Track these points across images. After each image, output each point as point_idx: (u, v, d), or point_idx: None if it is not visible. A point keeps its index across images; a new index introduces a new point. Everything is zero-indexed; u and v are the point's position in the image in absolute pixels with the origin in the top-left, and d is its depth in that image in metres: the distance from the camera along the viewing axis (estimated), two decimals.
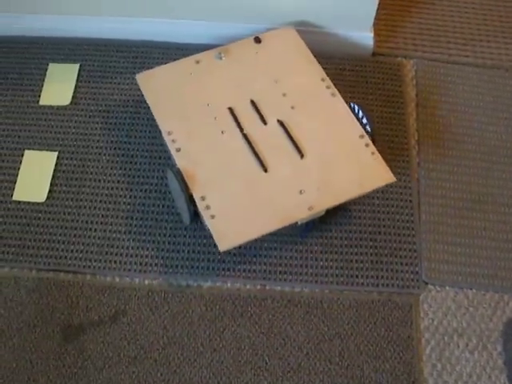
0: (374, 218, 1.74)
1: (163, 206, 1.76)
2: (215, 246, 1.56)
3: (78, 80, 1.94)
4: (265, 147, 1.64)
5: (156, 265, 1.68)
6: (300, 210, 1.56)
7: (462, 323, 1.64)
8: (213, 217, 1.54)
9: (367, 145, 1.65)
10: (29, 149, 1.83)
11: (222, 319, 1.63)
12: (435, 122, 1.89)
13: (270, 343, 1.60)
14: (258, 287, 1.67)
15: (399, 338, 1.62)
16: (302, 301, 1.65)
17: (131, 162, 1.81)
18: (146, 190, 1.77)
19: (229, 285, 1.67)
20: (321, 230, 1.72)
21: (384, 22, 2.03)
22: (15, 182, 1.78)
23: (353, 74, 1.94)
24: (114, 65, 1.98)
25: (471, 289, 1.69)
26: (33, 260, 1.69)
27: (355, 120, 1.68)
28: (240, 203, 1.56)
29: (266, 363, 1.59)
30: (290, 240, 1.72)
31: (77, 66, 1.96)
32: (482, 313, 1.66)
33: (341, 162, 1.63)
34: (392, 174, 1.61)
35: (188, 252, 1.70)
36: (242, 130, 1.66)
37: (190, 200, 1.58)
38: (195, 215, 1.64)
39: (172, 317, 1.63)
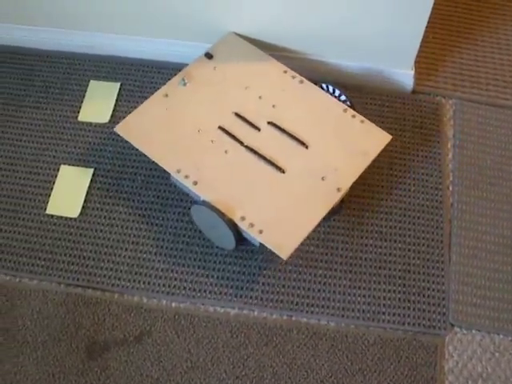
0: (405, 256, 1.74)
1: (195, 230, 1.76)
2: (244, 273, 1.59)
3: (117, 99, 1.96)
4: (270, 151, 1.67)
5: (184, 288, 1.69)
6: (331, 194, 1.63)
7: (487, 368, 1.63)
8: (261, 232, 1.56)
9: (354, 116, 1.72)
10: (65, 164, 1.84)
11: (246, 347, 1.63)
12: (471, 163, 1.88)
13: (292, 374, 1.60)
14: (285, 317, 1.67)
15: (422, 379, 1.61)
16: (328, 334, 1.64)
17: (166, 184, 1.82)
18: (179, 213, 1.77)
19: (255, 313, 1.67)
20: (350, 265, 1.71)
21: (425, 59, 2.03)
22: (49, 196, 1.78)
23: (391, 111, 1.94)
24: (154, 86, 1.99)
25: (498, 334, 1.67)
26: (62, 274, 1.70)
27: (332, 97, 1.75)
28: (278, 209, 1.59)
29: None
30: (318, 273, 1.71)
31: (117, 85, 1.98)
32: (508, 359, 1.64)
33: (339, 139, 1.69)
34: (386, 133, 1.69)
35: (217, 278, 1.70)
36: (242, 143, 1.67)
37: (232, 224, 1.58)
38: (239, 238, 1.64)
39: (197, 341, 1.63)
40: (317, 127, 1.71)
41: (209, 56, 1.81)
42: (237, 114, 1.72)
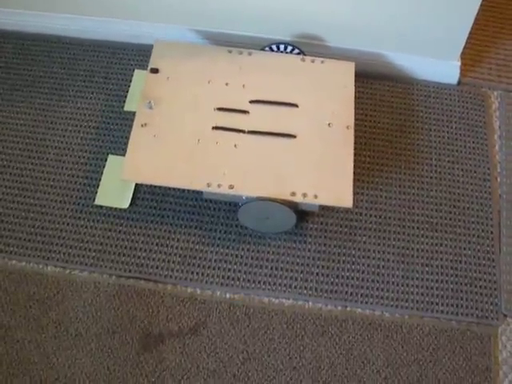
0: (455, 247, 1.73)
1: None
2: (297, 264, 1.64)
3: None
4: (270, 125, 1.69)
5: (238, 279, 1.67)
6: (346, 134, 1.69)
7: None
8: (316, 196, 1.61)
9: (313, 60, 1.79)
10: (113, 154, 1.81)
11: (302, 338, 1.61)
12: None
13: (349, 365, 1.59)
14: (339, 308, 1.66)
15: (477, 369, 1.60)
16: (383, 324, 1.63)
17: None
18: (230, 204, 1.74)
19: (310, 304, 1.66)
20: (402, 256, 1.70)
21: (470, 50, 2.02)
22: (98, 187, 1.76)
23: (437, 102, 1.93)
24: None
25: None
26: (113, 266, 1.68)
27: (286, 54, 1.83)
28: (313, 170, 1.64)
29: None
30: (372, 263, 1.71)
31: None
32: None
33: (316, 85, 1.77)
34: (347, 61, 1.79)
35: (271, 268, 1.68)
36: (243, 131, 1.68)
37: (289, 205, 1.59)
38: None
39: (252, 332, 1.61)
40: (291, 85, 1.75)
41: (154, 71, 1.77)
42: (220, 109, 1.71)
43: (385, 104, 1.92)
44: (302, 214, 1.70)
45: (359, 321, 1.64)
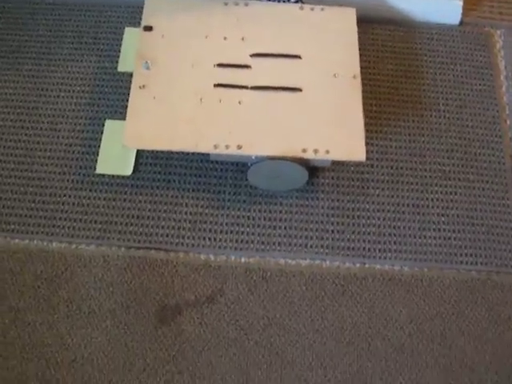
0: (470, 195, 1.69)
1: None
2: (312, 221, 1.61)
3: None
4: (274, 79, 1.62)
5: (252, 242, 1.61)
6: (353, 84, 1.63)
7: None
8: (328, 151, 1.54)
9: (312, 8, 1.72)
10: (110, 118, 1.72)
11: (322, 299, 1.57)
12: None
13: (372, 323, 1.55)
14: (358, 265, 1.62)
15: (500, 319, 1.57)
16: (403, 279, 1.60)
17: None
18: (237, 164, 1.67)
19: (328, 263, 1.61)
20: (417, 207, 1.65)
21: None
22: (97, 155, 1.67)
23: (440, 44, 1.87)
24: None
25: None
26: (121, 237, 1.61)
27: (283, 3, 1.75)
28: (323, 124, 1.58)
29: (369, 344, 1.54)
30: (387, 216, 1.66)
31: None
32: None
33: (317, 33, 1.70)
34: (348, 7, 1.73)
35: (285, 228, 1.63)
36: (246, 87, 1.61)
37: (300, 162, 1.54)
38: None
39: (271, 296, 1.57)
40: (292, 35, 1.68)
41: (148, 28, 1.68)
42: (220, 65, 1.64)
43: (387, 50, 1.85)
44: (313, 169, 1.63)
45: (379, 277, 1.60)
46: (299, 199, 1.64)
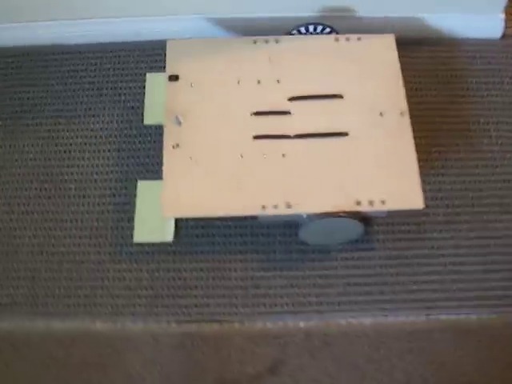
0: None
1: None
2: (369, 275, 1.51)
3: None
4: (317, 124, 1.49)
5: (310, 303, 1.51)
6: (402, 122, 1.50)
7: None
8: (383, 202, 1.41)
9: (347, 39, 1.59)
10: (141, 179, 1.60)
11: (389, 359, 1.48)
12: None
13: (442, 378, 1.47)
14: (422, 318, 1.52)
15: None
16: (471, 328, 1.53)
17: None
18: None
19: (391, 318, 1.51)
20: (479, 247, 1.55)
21: None
22: (133, 221, 1.55)
23: (484, 62, 1.75)
24: None
25: None
26: (169, 311, 1.50)
27: (317, 35, 1.68)
28: (375, 170, 1.45)
29: None
30: (447, 261, 1.57)
31: None
32: None
33: (355, 66, 1.56)
34: (386, 34, 1.59)
35: (343, 286, 1.52)
36: (289, 136, 1.48)
37: (356, 216, 1.44)
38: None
39: (335, 360, 1.48)
40: (330, 72, 1.54)
41: (174, 78, 1.53)
42: (256, 113, 1.50)
43: (429, 73, 1.73)
44: (367, 219, 1.51)
45: (445, 328, 1.51)
46: (353, 251, 1.54)
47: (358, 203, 1.41)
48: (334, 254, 1.54)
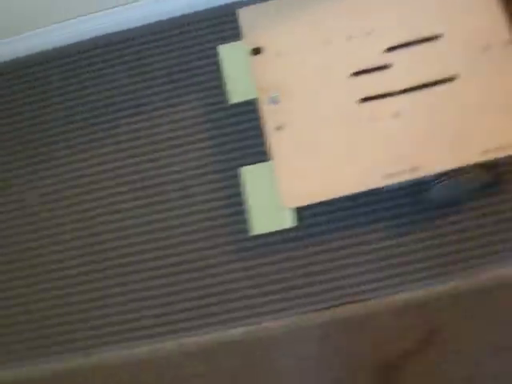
0: None
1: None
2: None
3: None
4: (421, 73, 1.35)
5: (454, 262, 1.40)
6: None
7: None
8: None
9: None
10: (243, 165, 1.46)
11: None
12: None
13: None
14: None
15: None
16: None
17: None
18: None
19: None
20: None
21: None
22: (247, 213, 1.44)
23: None
24: None
25: None
26: (306, 301, 1.41)
27: None
28: (495, 110, 1.31)
29: None
30: None
31: None
32: None
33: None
34: None
35: (482, 237, 1.41)
36: (394, 93, 1.34)
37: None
38: None
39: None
40: (421, 12, 1.38)
41: (257, 51, 1.37)
42: (356, 73, 1.35)
43: None
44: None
45: None
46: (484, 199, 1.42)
47: (485, 152, 1.28)
48: (464, 207, 1.42)
